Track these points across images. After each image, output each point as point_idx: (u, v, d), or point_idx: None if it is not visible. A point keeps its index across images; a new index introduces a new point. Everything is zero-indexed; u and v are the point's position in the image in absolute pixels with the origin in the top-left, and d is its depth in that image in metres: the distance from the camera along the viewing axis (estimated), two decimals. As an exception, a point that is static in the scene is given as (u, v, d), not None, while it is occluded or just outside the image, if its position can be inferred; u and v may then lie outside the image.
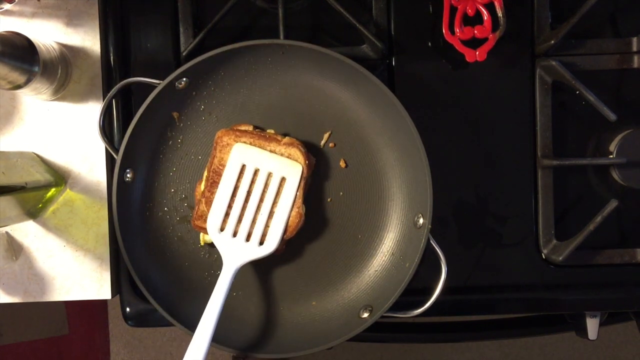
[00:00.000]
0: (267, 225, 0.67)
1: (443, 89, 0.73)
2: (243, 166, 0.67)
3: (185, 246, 0.72)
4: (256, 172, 0.67)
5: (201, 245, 0.71)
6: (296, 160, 0.67)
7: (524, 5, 0.73)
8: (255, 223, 0.67)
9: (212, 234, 0.67)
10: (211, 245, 0.71)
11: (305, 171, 0.67)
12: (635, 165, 0.71)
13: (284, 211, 0.67)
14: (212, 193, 0.68)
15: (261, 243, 0.67)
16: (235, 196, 0.67)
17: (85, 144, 0.75)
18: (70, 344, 1.60)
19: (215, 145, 0.69)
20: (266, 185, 0.67)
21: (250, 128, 0.69)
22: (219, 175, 0.68)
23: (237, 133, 0.68)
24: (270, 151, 0.67)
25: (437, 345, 1.59)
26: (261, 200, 0.67)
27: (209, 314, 0.62)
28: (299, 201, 0.67)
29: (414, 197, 0.68)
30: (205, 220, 0.68)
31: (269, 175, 0.67)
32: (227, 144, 0.68)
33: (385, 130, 0.69)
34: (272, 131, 0.70)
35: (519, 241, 0.73)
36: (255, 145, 0.68)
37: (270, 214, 0.67)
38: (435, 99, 0.74)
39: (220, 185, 0.67)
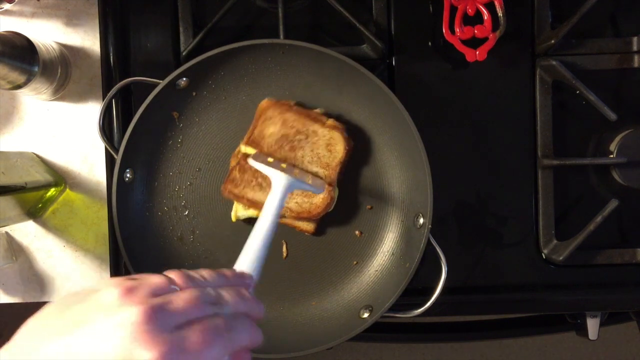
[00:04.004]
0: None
1: (443, 88, 0.73)
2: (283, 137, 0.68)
3: (185, 246, 0.72)
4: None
5: (233, 221, 0.71)
6: (336, 145, 0.67)
7: (524, 4, 0.73)
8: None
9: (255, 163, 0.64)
10: (245, 221, 0.71)
11: (343, 156, 0.67)
12: (636, 165, 0.71)
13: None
14: (247, 162, 0.68)
15: None
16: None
17: (85, 144, 0.75)
18: (70, 344, 1.60)
19: (257, 115, 0.69)
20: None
21: (292, 104, 0.69)
22: (258, 145, 0.68)
23: (284, 107, 0.68)
24: (313, 131, 0.68)
25: (437, 345, 1.59)
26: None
27: (259, 232, 0.53)
28: (333, 183, 0.67)
29: (414, 197, 0.68)
30: (237, 185, 0.68)
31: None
32: (271, 117, 0.68)
33: (385, 130, 0.69)
34: (319, 110, 0.70)
35: (519, 241, 0.73)
36: (299, 122, 0.68)
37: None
38: (436, 99, 0.73)
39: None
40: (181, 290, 0.42)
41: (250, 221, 0.72)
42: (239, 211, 0.71)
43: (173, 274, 0.43)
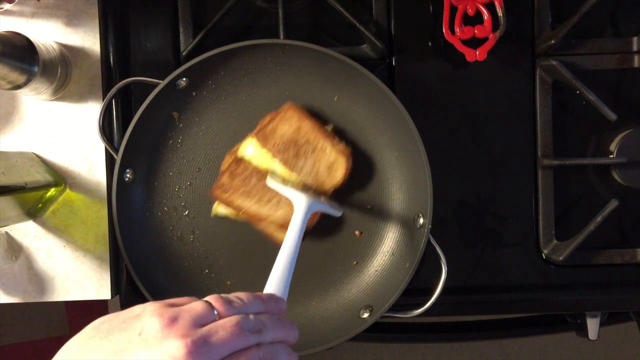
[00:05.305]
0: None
1: (443, 88, 0.73)
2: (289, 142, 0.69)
3: (185, 246, 0.72)
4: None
5: (211, 217, 0.71)
6: (337, 169, 0.67)
7: (524, 4, 0.73)
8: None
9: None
10: (223, 218, 0.71)
11: (339, 182, 0.68)
12: (636, 165, 0.71)
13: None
14: (239, 166, 0.68)
15: None
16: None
17: (85, 144, 0.75)
18: (70, 344, 1.60)
19: (278, 111, 0.69)
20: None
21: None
22: (266, 140, 0.68)
23: (304, 114, 0.68)
24: (322, 147, 0.68)
25: (437, 345, 1.59)
26: None
27: (285, 256, 0.55)
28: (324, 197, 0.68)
29: (414, 197, 0.68)
30: (225, 191, 0.68)
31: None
32: (290, 118, 0.68)
33: (385, 130, 0.69)
34: (331, 128, 0.70)
35: (520, 241, 0.73)
36: (312, 134, 0.68)
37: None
38: (436, 99, 0.73)
39: None
40: (222, 319, 0.41)
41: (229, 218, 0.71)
42: (219, 209, 0.71)
43: (213, 300, 0.43)
